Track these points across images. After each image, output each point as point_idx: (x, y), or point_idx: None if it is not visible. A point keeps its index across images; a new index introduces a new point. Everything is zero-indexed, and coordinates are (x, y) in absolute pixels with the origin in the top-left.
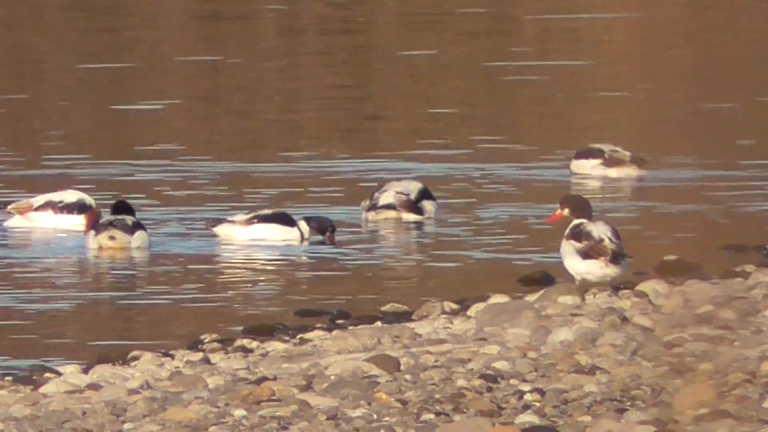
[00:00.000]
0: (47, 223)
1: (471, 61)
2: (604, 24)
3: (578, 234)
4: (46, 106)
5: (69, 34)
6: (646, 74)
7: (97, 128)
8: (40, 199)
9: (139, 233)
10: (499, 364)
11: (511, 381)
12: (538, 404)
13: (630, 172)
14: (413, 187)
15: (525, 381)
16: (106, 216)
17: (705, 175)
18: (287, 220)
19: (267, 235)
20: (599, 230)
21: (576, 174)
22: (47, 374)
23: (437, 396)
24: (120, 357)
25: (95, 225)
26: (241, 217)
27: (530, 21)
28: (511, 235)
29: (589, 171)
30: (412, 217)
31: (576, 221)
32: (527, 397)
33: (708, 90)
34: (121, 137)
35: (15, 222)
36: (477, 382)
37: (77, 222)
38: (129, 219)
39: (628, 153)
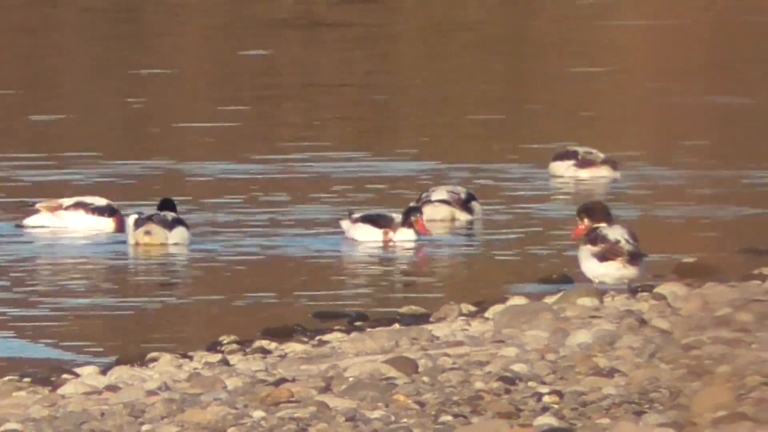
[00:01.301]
0: (77, 222)
1: (492, 66)
2: (627, 30)
3: (594, 238)
4: (69, 109)
5: (93, 39)
6: (663, 77)
7: (122, 129)
8: (70, 200)
9: (178, 229)
10: (518, 367)
11: (530, 383)
12: (556, 406)
13: (601, 173)
14: (460, 189)
15: (543, 383)
16: (148, 212)
17: (720, 176)
18: (377, 222)
19: (359, 235)
20: (615, 233)
21: (553, 176)
22: (65, 375)
23: (455, 398)
24: (138, 358)
25: (136, 221)
26: (355, 215)
27: (550, 26)
28: (530, 236)
29: (562, 172)
30: (464, 216)
31: (593, 226)
32: (546, 399)
33: (726, 91)
34: (146, 138)
35: (43, 220)
36: (495, 385)
37: (106, 224)
38: (169, 215)
39: (602, 155)
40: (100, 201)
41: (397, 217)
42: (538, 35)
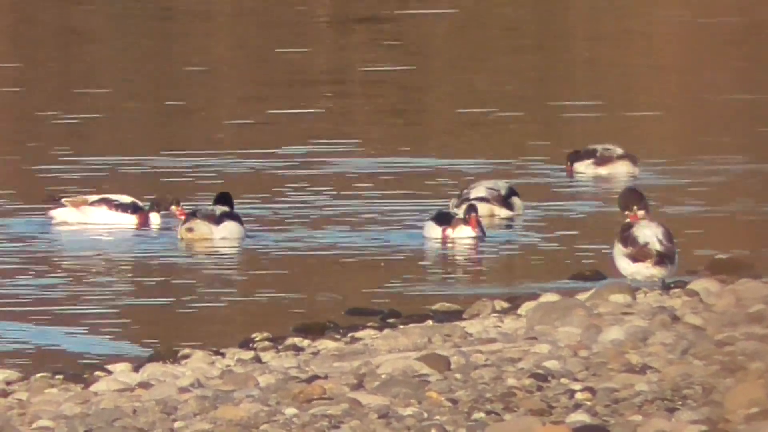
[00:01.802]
0: (100, 218)
1: (519, 64)
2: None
3: (626, 239)
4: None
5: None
6: (694, 72)
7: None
8: (96, 195)
9: (226, 224)
10: (550, 363)
11: (562, 380)
12: (589, 403)
13: (619, 168)
14: (501, 184)
15: (576, 380)
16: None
17: (753, 171)
18: (439, 219)
19: (424, 233)
20: (646, 234)
21: (576, 175)
22: (98, 372)
23: (488, 395)
24: (171, 355)
25: (186, 215)
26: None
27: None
28: (561, 233)
29: (583, 171)
30: (504, 212)
31: (625, 222)
32: (578, 396)
33: (758, 87)
34: (183, 134)
35: (66, 214)
36: (527, 381)
37: (130, 221)
38: (218, 209)
39: (619, 150)
40: (125, 198)
41: (459, 213)
42: (570, 28)
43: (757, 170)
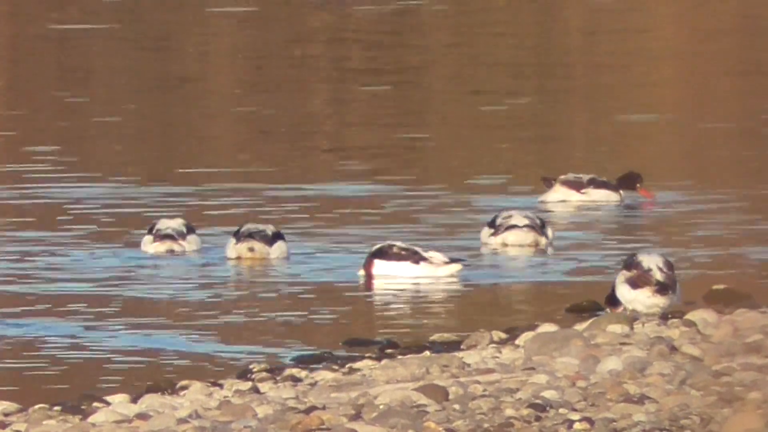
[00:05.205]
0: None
1: (523, 88)
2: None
3: (629, 264)
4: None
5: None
6: (693, 95)
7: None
8: (177, 224)
9: (278, 244)
10: (548, 393)
11: (560, 410)
12: None
13: (556, 195)
14: (531, 214)
15: (574, 410)
16: (247, 225)
17: (750, 198)
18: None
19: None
20: (650, 261)
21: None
22: (96, 404)
23: (486, 425)
24: (169, 386)
25: (237, 235)
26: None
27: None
28: (563, 263)
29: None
30: (543, 240)
31: (631, 253)
32: (576, 426)
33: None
34: (176, 161)
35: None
36: (526, 412)
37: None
38: (269, 229)
39: (556, 178)
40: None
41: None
42: (569, 49)
43: (753, 196)
